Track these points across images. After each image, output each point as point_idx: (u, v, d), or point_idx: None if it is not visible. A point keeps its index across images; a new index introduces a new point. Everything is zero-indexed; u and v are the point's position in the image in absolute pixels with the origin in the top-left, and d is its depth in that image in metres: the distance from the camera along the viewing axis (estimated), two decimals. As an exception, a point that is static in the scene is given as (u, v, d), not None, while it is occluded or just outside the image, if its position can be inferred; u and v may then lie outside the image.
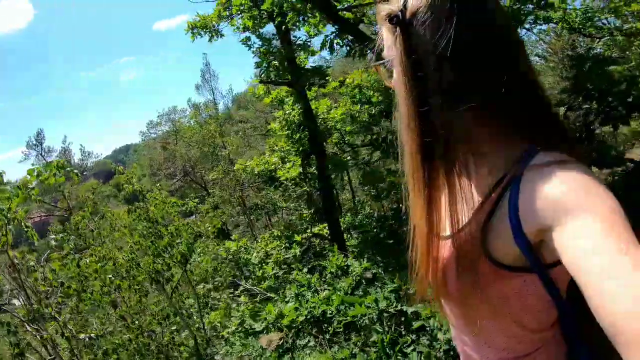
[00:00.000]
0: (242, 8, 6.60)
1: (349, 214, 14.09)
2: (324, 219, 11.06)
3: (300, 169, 9.99)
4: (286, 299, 6.00)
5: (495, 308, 0.97)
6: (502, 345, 1.04)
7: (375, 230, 8.03)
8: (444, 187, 0.97)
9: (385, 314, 4.64)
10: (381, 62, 1.06)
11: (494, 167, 0.93)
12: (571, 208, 0.74)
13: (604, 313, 0.65)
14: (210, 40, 7.79)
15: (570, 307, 0.95)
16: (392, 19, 0.93)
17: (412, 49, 0.92)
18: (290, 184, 10.49)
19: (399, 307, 4.58)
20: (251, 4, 6.68)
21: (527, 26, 7.22)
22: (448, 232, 0.97)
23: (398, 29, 0.94)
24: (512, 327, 1.00)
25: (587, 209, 0.72)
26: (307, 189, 10.83)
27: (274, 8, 5.53)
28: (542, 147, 0.88)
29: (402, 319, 4.47)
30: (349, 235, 11.68)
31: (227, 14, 7.34)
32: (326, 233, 10.64)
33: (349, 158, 10.69)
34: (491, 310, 0.97)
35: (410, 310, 4.47)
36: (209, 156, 20.79)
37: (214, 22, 7.50)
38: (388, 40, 1.02)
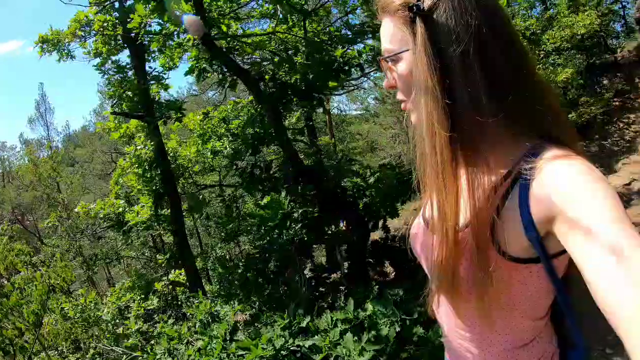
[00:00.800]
0: (105, 25, 5.88)
1: (199, 259, 13.26)
2: (178, 264, 10.16)
3: (152, 211, 9.08)
4: (157, 357, 5.36)
5: (500, 297, 0.98)
6: (504, 336, 1.05)
7: (239, 271, 7.70)
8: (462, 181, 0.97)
9: (282, 352, 4.45)
10: (389, 55, 1.03)
11: (503, 161, 0.95)
12: (576, 199, 0.78)
13: (602, 300, 0.69)
14: (59, 60, 6.74)
15: (568, 294, 0.99)
16: (412, 7, 0.92)
17: (436, 39, 0.91)
18: (140, 229, 9.38)
19: (295, 343, 4.46)
20: (116, 21, 6.01)
21: (366, 71, 8.12)
22: (462, 224, 0.96)
23: (419, 18, 0.92)
24: (515, 317, 1.02)
25: (591, 201, 0.77)
26: (158, 232, 9.83)
27: (140, 30, 5.08)
28: (550, 142, 0.93)
29: (299, 355, 4.35)
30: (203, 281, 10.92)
31: (83, 33, 6.48)
32: (183, 279, 9.78)
33: (208, 197, 10.18)
34: (497, 300, 0.98)
35: (307, 344, 4.39)
36: (44, 200, 17.37)
37: (67, 41, 6.53)
38: (396, 33, 1.00)
